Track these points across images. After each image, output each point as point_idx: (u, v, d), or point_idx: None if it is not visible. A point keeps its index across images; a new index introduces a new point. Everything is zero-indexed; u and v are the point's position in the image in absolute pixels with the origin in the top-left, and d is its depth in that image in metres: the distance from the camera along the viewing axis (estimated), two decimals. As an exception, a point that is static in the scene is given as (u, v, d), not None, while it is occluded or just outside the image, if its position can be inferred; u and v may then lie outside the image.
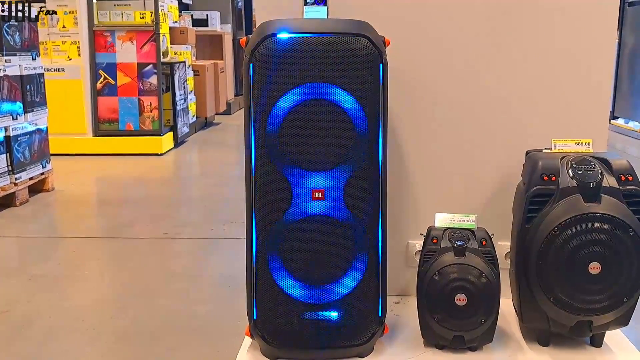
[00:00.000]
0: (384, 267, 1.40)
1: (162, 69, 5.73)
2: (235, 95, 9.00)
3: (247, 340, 1.45)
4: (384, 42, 1.36)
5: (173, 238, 3.30)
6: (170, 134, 5.92)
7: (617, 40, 6.77)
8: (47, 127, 4.24)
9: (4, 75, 3.74)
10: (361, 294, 1.38)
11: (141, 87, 5.63)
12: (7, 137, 3.76)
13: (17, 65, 3.88)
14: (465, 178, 1.68)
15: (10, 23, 3.82)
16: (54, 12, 5.33)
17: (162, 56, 5.73)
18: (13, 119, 3.81)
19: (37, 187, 4.11)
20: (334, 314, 1.37)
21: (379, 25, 1.37)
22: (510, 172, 1.58)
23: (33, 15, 3.99)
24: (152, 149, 5.59)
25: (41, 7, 4.15)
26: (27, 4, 3.92)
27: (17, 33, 3.92)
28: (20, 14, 3.87)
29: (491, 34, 1.62)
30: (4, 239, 3.33)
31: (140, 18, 5.60)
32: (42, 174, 4.12)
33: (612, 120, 6.95)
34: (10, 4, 3.81)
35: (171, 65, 6.02)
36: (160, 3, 5.70)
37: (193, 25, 8.04)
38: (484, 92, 1.64)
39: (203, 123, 7.32)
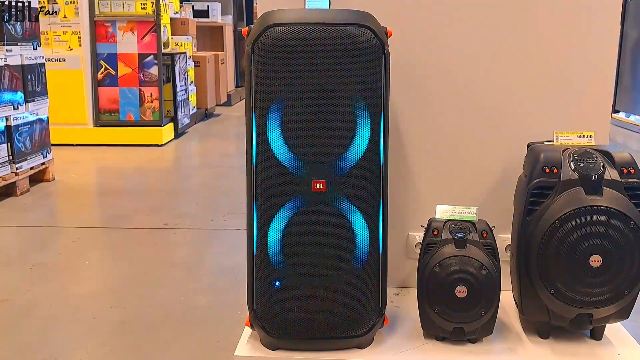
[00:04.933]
0: (384, 258, 1.40)
1: (162, 60, 5.72)
2: (235, 87, 8.99)
3: (247, 330, 1.45)
4: (386, 33, 1.35)
5: (173, 228, 3.30)
6: (171, 124, 5.92)
7: (619, 34, 6.75)
8: (47, 117, 4.24)
9: (5, 65, 3.73)
10: (361, 285, 1.37)
11: (142, 77, 5.62)
12: (8, 127, 3.76)
13: (18, 55, 3.87)
14: (467, 170, 1.67)
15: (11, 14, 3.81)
16: (55, 13, 5.32)
17: (162, 47, 5.71)
18: (14, 109, 3.81)
19: (37, 177, 4.11)
20: (333, 305, 1.37)
21: (381, 16, 1.36)
22: (511, 165, 1.57)
23: (33, 17, 3.99)
24: (153, 140, 5.58)
25: (41, 8, 4.14)
26: (27, 4, 3.91)
27: (19, 23, 3.91)
28: (20, 13, 3.86)
29: (494, 26, 1.61)
30: (5, 229, 3.33)
31: (141, 8, 5.58)
32: (43, 163, 4.12)
33: (613, 114, 6.93)
34: (10, 3, 3.80)
35: (172, 56, 6.01)
36: (161, -7, 5.68)
37: (194, 16, 8.01)
38: (486, 84, 1.64)
39: (203, 114, 7.31)
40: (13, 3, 3.83)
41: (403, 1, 1.61)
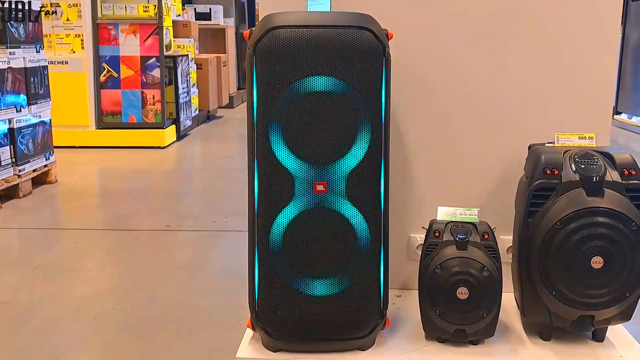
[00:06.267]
0: (385, 260, 1.40)
1: (165, 62, 5.73)
2: (237, 89, 8.99)
3: (249, 332, 1.46)
4: (387, 35, 1.35)
5: (175, 230, 3.30)
6: (173, 127, 5.92)
7: (620, 35, 6.75)
8: (50, 120, 4.25)
9: (8, 68, 3.74)
10: (363, 287, 1.38)
11: (144, 80, 5.62)
12: (10, 129, 3.77)
13: (21, 58, 3.88)
14: (468, 172, 1.67)
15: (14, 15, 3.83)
16: (54, 13, 5.33)
17: (165, 49, 5.72)
18: (17, 111, 3.81)
19: (40, 179, 4.12)
20: (335, 307, 1.37)
21: (382, 19, 1.36)
22: (512, 166, 1.57)
23: (33, 17, 4.00)
24: (155, 142, 5.59)
25: (41, 8, 4.14)
26: (27, 3, 3.92)
27: (22, 25, 3.92)
28: (20, 13, 3.87)
29: (495, 28, 1.61)
30: (8, 230, 3.34)
31: (144, 11, 5.60)
32: (46, 166, 4.13)
33: (615, 116, 6.93)
34: (10, 2, 3.81)
35: (174, 58, 6.01)
36: (163, -4, 5.70)
37: (196, 19, 8.02)
38: (487, 85, 1.64)
39: (205, 116, 7.32)
40: (14, 4, 3.84)
41: (404, 4, 1.61)
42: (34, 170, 4.00)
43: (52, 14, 5.36)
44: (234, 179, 4.45)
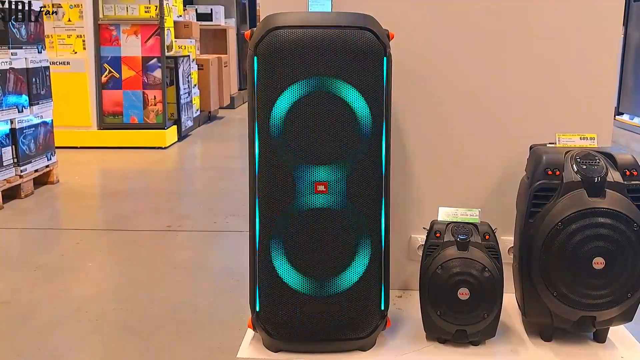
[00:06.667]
0: (386, 260, 1.40)
1: (166, 63, 5.73)
2: (238, 90, 9.00)
3: (250, 332, 1.46)
4: (388, 35, 1.35)
5: (176, 230, 3.30)
6: (174, 127, 5.93)
7: (622, 36, 6.75)
8: (52, 120, 4.25)
9: (10, 68, 3.74)
10: (363, 288, 1.37)
11: (145, 80, 5.63)
12: (12, 130, 3.77)
13: (23, 58, 3.89)
14: (469, 172, 1.67)
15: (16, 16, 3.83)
16: (55, 12, 5.34)
17: (166, 50, 5.72)
18: (19, 112, 3.82)
19: (42, 180, 4.12)
20: (336, 307, 1.37)
21: (383, 19, 1.36)
22: (514, 167, 1.57)
23: (33, 17, 4.00)
24: (156, 142, 5.60)
25: (41, 8, 4.15)
26: (27, 3, 3.92)
27: (23, 26, 3.92)
28: (20, 14, 3.87)
29: (496, 29, 1.61)
30: (9, 231, 3.34)
31: (145, 12, 5.60)
32: (47, 166, 4.14)
33: (616, 117, 6.92)
34: (10, 2, 3.81)
35: (175, 59, 6.02)
36: (164, -3, 5.70)
37: (197, 20, 8.02)
38: (488, 85, 1.64)
39: (207, 117, 7.32)
40: (14, 5, 3.84)
41: (405, 4, 1.61)
42: (36, 171, 4.00)
43: (54, 14, 5.37)
44: (234, 179, 4.45)
